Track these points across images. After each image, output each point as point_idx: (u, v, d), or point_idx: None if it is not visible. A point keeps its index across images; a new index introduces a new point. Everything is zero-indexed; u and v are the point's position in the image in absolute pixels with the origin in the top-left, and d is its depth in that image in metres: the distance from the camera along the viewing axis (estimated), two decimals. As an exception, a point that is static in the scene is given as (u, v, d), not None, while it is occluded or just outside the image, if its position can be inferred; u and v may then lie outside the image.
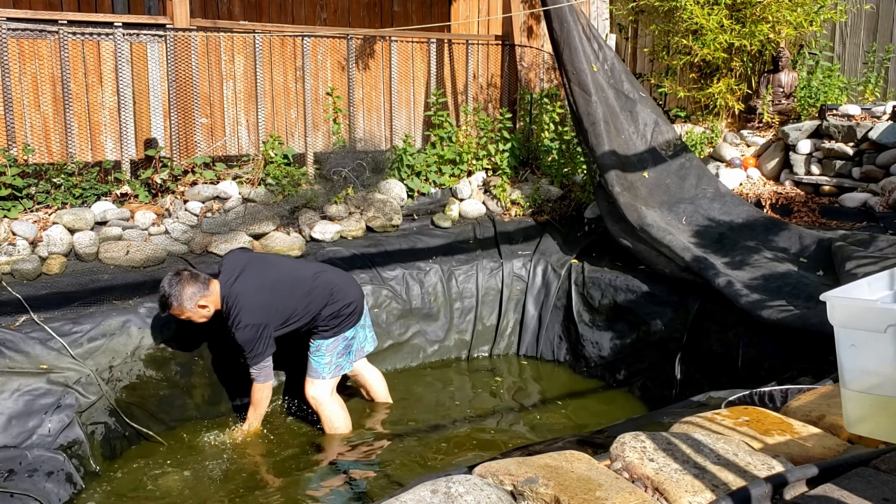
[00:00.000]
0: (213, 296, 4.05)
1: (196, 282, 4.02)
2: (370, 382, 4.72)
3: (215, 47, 5.93)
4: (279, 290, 4.09)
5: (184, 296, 3.99)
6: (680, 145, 6.13)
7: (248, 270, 4.09)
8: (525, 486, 2.03)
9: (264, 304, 4.01)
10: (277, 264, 4.30)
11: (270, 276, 4.13)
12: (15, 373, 3.69)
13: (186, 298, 3.99)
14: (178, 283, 4.00)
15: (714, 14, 6.97)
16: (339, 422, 4.30)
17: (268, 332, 4.01)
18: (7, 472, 3.29)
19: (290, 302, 4.09)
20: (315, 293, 4.17)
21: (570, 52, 5.92)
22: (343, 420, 4.32)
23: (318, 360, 4.23)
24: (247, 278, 4.05)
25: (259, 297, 4.01)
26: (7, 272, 4.52)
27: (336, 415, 4.30)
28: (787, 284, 4.70)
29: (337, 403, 4.32)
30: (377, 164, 6.13)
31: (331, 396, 4.29)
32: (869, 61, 7.28)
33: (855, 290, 2.33)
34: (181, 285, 3.99)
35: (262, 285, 4.06)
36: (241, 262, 4.16)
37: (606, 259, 5.73)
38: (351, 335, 4.32)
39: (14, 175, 4.93)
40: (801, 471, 2.08)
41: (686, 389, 4.71)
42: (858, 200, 5.92)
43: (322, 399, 4.25)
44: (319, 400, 4.25)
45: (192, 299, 4.00)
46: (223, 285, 4.04)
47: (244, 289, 4.01)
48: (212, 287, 4.05)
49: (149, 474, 3.85)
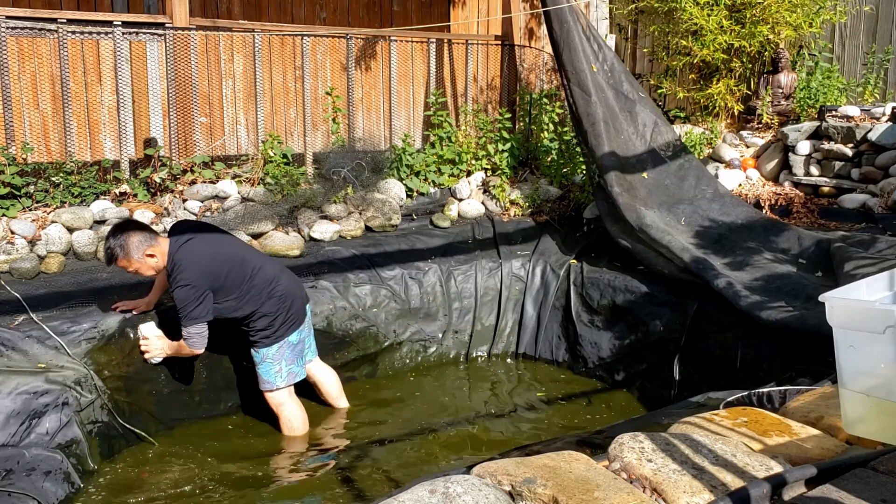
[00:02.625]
0: (161, 247, 3.91)
1: (142, 231, 3.88)
2: (321, 381, 4.58)
3: (214, 46, 5.93)
4: (227, 262, 4.00)
5: (130, 245, 3.82)
6: (679, 146, 6.13)
7: (200, 237, 3.99)
8: (523, 486, 2.03)
9: (209, 270, 3.91)
10: (228, 241, 4.19)
11: (221, 247, 4.06)
12: (13, 372, 3.69)
13: (133, 247, 3.83)
14: (123, 232, 3.84)
15: (714, 15, 6.97)
16: (297, 422, 4.27)
17: (207, 298, 3.90)
18: (5, 472, 3.28)
19: (233, 277, 4.00)
20: (259, 278, 4.08)
21: (569, 52, 5.93)
22: (301, 421, 4.29)
23: (266, 370, 4.17)
24: (198, 243, 3.95)
25: (206, 264, 3.91)
26: (5, 271, 4.51)
27: (294, 416, 4.26)
28: (787, 285, 4.70)
29: (296, 405, 4.29)
30: (376, 164, 6.13)
31: (289, 398, 4.25)
32: (868, 62, 7.28)
33: (854, 292, 2.33)
34: (126, 235, 3.83)
35: (213, 254, 3.97)
36: (192, 228, 4.08)
37: (605, 259, 5.73)
38: (296, 340, 4.23)
39: (13, 174, 4.92)
40: (799, 471, 2.08)
41: (684, 390, 4.72)
42: (857, 202, 5.92)
43: (280, 400, 4.22)
44: (277, 401, 4.22)
45: (139, 248, 3.84)
46: (173, 243, 3.92)
47: (193, 251, 3.90)
48: (159, 240, 3.93)
49: (147, 473, 3.85)
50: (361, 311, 5.16)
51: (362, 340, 5.15)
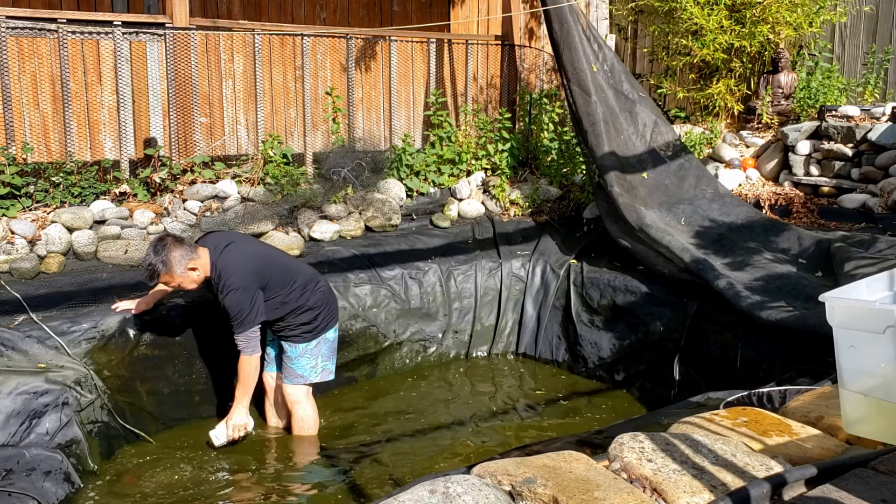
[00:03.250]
0: (202, 259, 3.88)
1: (182, 245, 3.85)
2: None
3: (215, 46, 5.93)
4: (269, 260, 4.03)
5: (172, 260, 3.78)
6: (679, 146, 6.13)
7: (237, 243, 4.01)
8: (523, 486, 2.03)
9: (255, 270, 3.92)
10: (262, 243, 4.33)
11: (260, 249, 4.10)
12: (13, 372, 3.69)
13: (175, 262, 3.79)
14: (164, 248, 3.79)
15: (714, 15, 6.97)
16: (309, 422, 4.29)
17: (258, 298, 3.90)
18: (5, 472, 3.28)
19: (278, 274, 4.01)
20: (301, 274, 4.13)
21: (569, 52, 5.93)
22: (313, 422, 4.30)
23: (303, 365, 4.17)
24: (236, 248, 3.96)
25: (251, 264, 3.92)
26: (5, 271, 4.51)
27: (308, 415, 4.27)
28: (787, 285, 4.70)
29: (311, 405, 4.30)
30: (376, 164, 6.13)
31: (307, 397, 4.26)
32: (868, 62, 7.28)
33: (854, 291, 2.33)
34: (167, 250, 3.79)
35: (255, 254, 3.99)
36: (227, 237, 4.09)
37: (605, 259, 5.73)
38: (332, 337, 4.26)
39: (13, 174, 4.92)
40: (799, 471, 2.08)
41: (684, 390, 4.72)
42: (857, 201, 5.92)
43: (298, 398, 4.22)
44: (295, 398, 4.22)
45: (181, 263, 3.80)
46: (212, 252, 3.91)
47: (234, 257, 3.90)
48: (199, 251, 3.90)
49: (147, 473, 3.85)
50: (361, 311, 5.16)
51: (362, 340, 5.15)
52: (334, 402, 4.81)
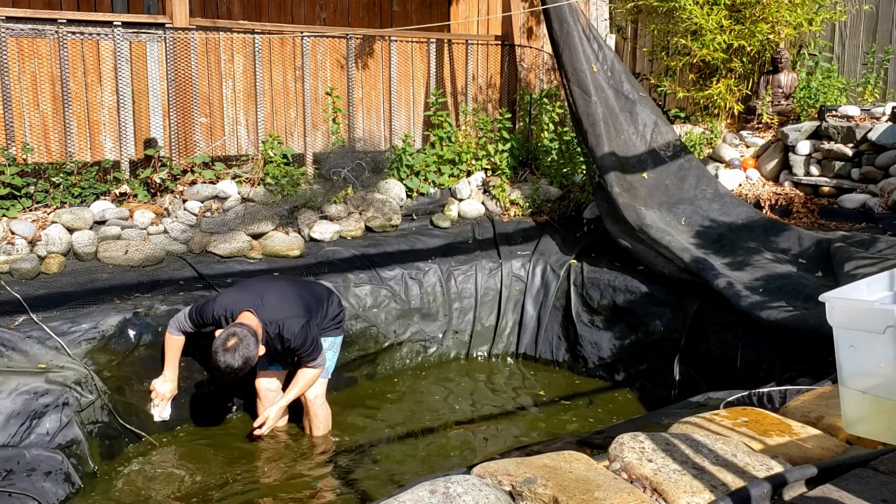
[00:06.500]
0: (260, 331, 3.92)
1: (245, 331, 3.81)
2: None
3: (214, 47, 5.93)
4: (297, 296, 4.14)
5: (252, 351, 3.79)
6: (679, 146, 6.13)
7: (268, 293, 4.06)
8: (524, 486, 2.03)
9: (304, 309, 4.05)
10: (278, 280, 4.47)
11: (283, 288, 4.18)
12: (13, 372, 3.69)
13: (254, 349, 3.80)
14: (239, 347, 3.74)
15: (713, 14, 6.97)
16: (329, 422, 4.38)
17: (315, 327, 4.06)
18: (5, 472, 3.28)
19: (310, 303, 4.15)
20: (318, 294, 4.30)
21: (569, 52, 5.92)
22: (329, 421, 4.39)
23: (328, 358, 4.27)
24: (271, 297, 4.03)
25: (292, 305, 4.03)
26: (6, 271, 4.51)
27: (328, 415, 4.37)
28: (787, 285, 4.70)
29: (326, 403, 4.37)
30: (376, 164, 6.13)
31: (324, 394, 4.34)
32: (868, 62, 7.28)
33: (854, 291, 2.33)
34: (244, 346, 3.76)
35: (287, 295, 4.10)
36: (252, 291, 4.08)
37: (605, 259, 5.73)
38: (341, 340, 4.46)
39: (13, 174, 4.92)
40: (800, 471, 2.08)
41: (685, 390, 4.72)
42: (857, 201, 5.92)
43: (322, 399, 4.30)
44: (321, 400, 4.29)
45: (256, 346, 3.83)
46: (256, 311, 3.94)
47: (275, 307, 3.98)
48: (249, 321, 3.90)
49: (147, 474, 3.85)
50: (361, 312, 5.16)
51: (362, 341, 5.14)
52: (334, 403, 4.80)
